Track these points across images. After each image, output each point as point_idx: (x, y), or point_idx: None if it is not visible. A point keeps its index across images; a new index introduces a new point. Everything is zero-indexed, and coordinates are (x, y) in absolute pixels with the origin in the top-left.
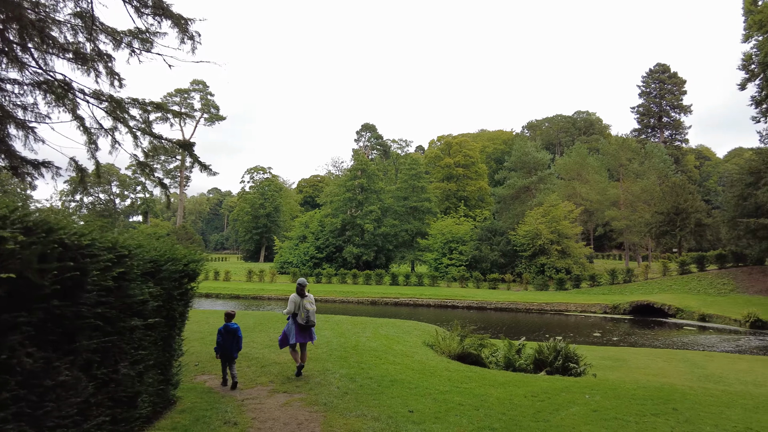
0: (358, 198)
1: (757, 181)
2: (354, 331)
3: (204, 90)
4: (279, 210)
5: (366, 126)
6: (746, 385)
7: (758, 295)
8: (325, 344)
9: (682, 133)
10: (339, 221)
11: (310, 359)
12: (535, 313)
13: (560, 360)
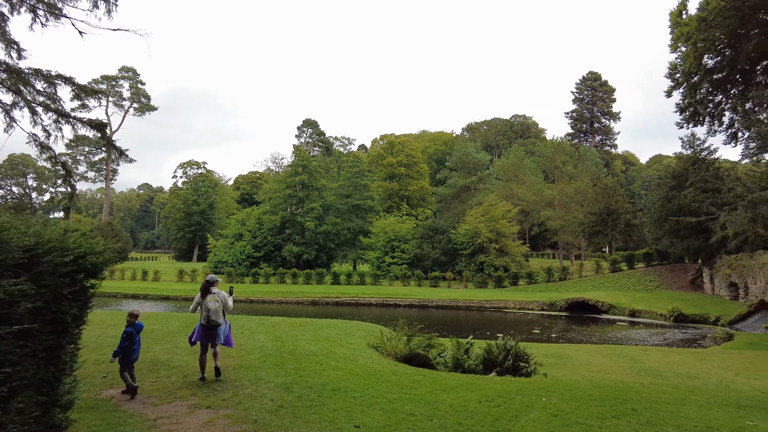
0: (298, 195)
1: (680, 184)
2: (292, 334)
3: (134, 78)
4: (214, 207)
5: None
6: (682, 378)
7: (680, 290)
8: (258, 349)
9: (612, 138)
10: (278, 219)
11: (240, 366)
12: (476, 310)
13: (510, 359)
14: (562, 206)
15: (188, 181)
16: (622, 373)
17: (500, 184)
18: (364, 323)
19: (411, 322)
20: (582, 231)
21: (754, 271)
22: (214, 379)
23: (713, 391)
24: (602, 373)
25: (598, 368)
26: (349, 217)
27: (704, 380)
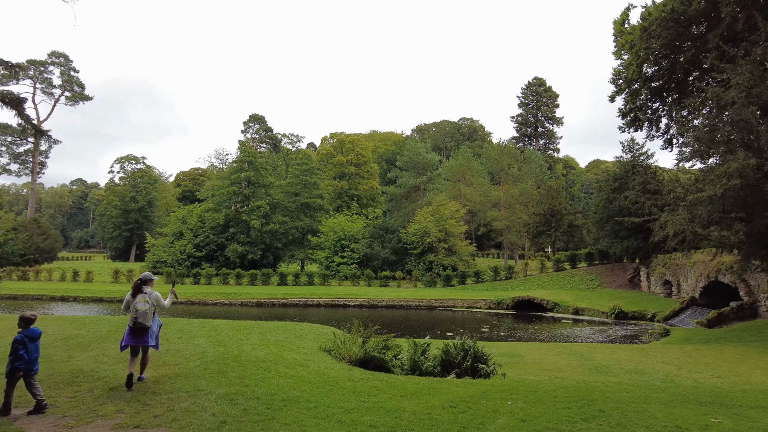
0: (244, 192)
1: (621, 186)
2: (236, 338)
3: (66, 64)
4: (153, 204)
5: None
6: (631, 374)
7: (619, 289)
8: (198, 356)
9: (554, 142)
10: (222, 217)
11: (176, 376)
12: (425, 309)
13: (469, 360)
14: (507, 207)
15: (126, 176)
16: (574, 371)
17: (449, 185)
18: (314, 325)
19: (367, 323)
20: (527, 231)
21: (686, 270)
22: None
23: (671, 388)
24: (556, 371)
25: (551, 366)
26: (297, 216)
27: (651, 375)
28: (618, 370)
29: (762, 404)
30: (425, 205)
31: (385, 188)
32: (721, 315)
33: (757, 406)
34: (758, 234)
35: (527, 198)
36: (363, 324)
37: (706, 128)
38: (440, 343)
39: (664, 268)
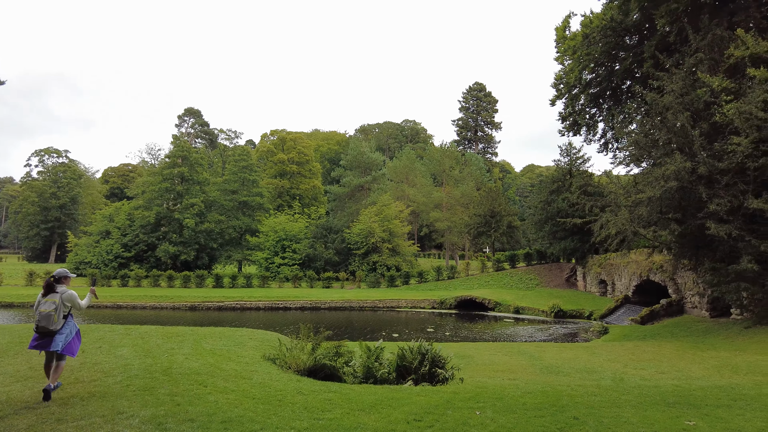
0: (177, 189)
1: (558, 189)
2: (166, 347)
3: None
4: (77, 202)
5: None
6: (581, 373)
7: (557, 288)
8: (120, 369)
9: (493, 146)
10: (153, 215)
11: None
12: (369, 310)
13: (426, 365)
14: (449, 208)
15: (46, 171)
16: (526, 372)
17: (393, 185)
18: (256, 331)
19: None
20: (468, 232)
21: (620, 269)
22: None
23: (634, 389)
24: (508, 372)
25: (503, 367)
26: (235, 215)
27: (601, 374)
28: (568, 370)
29: (725, 403)
30: (370, 205)
31: (329, 188)
32: (653, 312)
33: (721, 404)
34: (690, 234)
35: (468, 199)
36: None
37: (643, 133)
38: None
39: (599, 267)
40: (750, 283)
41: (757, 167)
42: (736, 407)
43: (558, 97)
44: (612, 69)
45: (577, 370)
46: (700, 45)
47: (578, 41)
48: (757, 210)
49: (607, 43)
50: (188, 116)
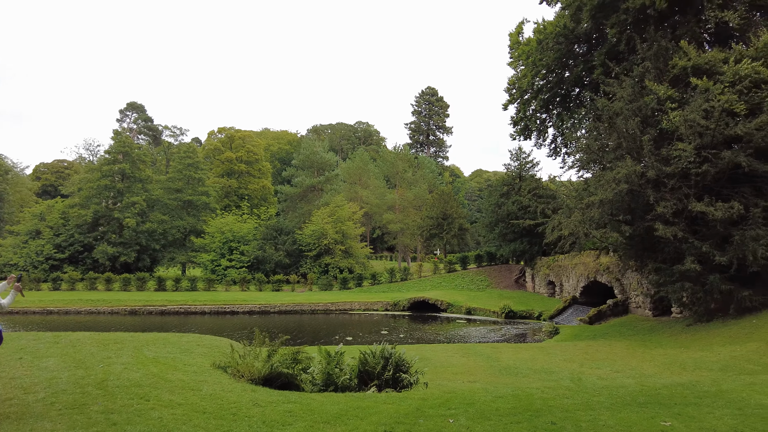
0: (117, 186)
1: (509, 192)
2: (102, 356)
3: None
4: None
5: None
6: (540, 374)
7: (507, 289)
8: (44, 384)
9: (445, 150)
10: (90, 213)
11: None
12: (321, 313)
13: (390, 370)
14: (402, 210)
15: None
16: (485, 373)
17: (346, 186)
18: (204, 336)
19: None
20: (420, 234)
21: (568, 271)
22: None
23: (604, 390)
24: (467, 374)
25: (461, 369)
26: (179, 215)
27: (559, 374)
28: (526, 371)
29: (692, 401)
30: (322, 206)
31: (279, 188)
32: (600, 312)
33: (689, 403)
34: (638, 236)
35: (421, 202)
36: (271, 333)
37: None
38: (354, 350)
39: (548, 269)
40: (692, 283)
41: (699, 173)
42: (704, 405)
43: (510, 101)
44: (562, 76)
45: (534, 370)
46: (646, 54)
47: (533, 47)
48: (699, 213)
49: (560, 50)
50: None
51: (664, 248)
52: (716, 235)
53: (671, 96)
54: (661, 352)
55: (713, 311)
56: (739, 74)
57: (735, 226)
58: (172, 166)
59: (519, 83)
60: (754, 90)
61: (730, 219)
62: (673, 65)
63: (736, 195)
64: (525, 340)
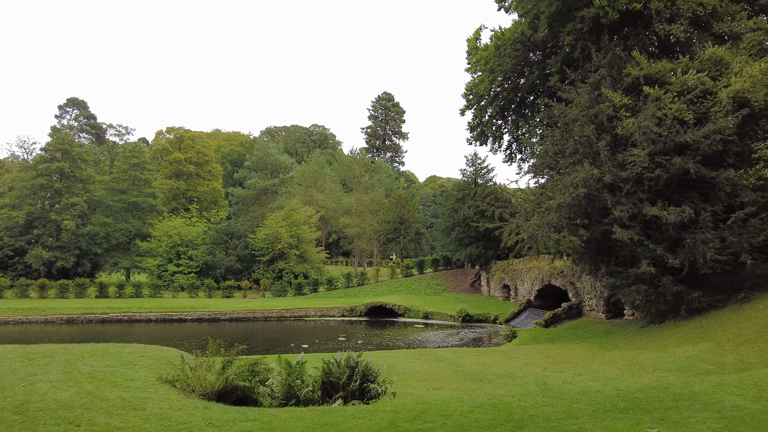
0: (55, 186)
1: (465, 197)
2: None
3: None
4: None
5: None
6: (504, 379)
7: (463, 293)
8: None
9: (401, 156)
10: (23, 215)
11: None
12: (275, 320)
13: (357, 380)
14: (358, 214)
15: None
16: (450, 380)
17: (302, 190)
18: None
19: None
20: (377, 238)
21: (522, 275)
22: None
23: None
24: (431, 381)
25: (425, 376)
26: (123, 217)
27: (523, 379)
28: (491, 376)
29: (670, 405)
30: (277, 209)
31: (231, 190)
32: (555, 315)
33: (668, 407)
34: (595, 240)
35: (378, 206)
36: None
37: (551, 143)
38: (316, 359)
39: (503, 273)
40: (647, 285)
41: (653, 178)
42: (683, 409)
43: (468, 107)
44: (517, 83)
45: (498, 375)
46: (602, 63)
47: (491, 52)
48: (653, 217)
49: (517, 56)
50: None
51: (620, 252)
52: (668, 238)
53: (625, 104)
54: (619, 354)
55: (665, 313)
56: (687, 84)
57: (685, 230)
58: (116, 165)
59: (476, 89)
60: (701, 100)
61: (681, 223)
62: (627, 74)
63: (685, 200)
64: (484, 344)
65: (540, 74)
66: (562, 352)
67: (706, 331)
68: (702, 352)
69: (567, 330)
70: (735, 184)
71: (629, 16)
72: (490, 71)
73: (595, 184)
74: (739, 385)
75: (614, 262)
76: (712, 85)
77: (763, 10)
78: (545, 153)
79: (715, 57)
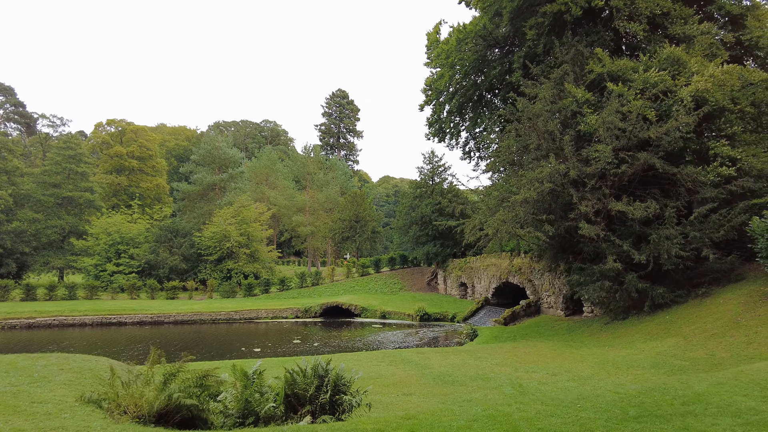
0: None
1: (422, 195)
2: None
3: None
4: None
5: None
6: (477, 381)
7: (420, 291)
8: None
9: (355, 154)
10: None
11: None
12: (223, 323)
13: (327, 391)
14: (312, 212)
15: None
16: (420, 384)
17: (252, 186)
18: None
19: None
20: (332, 237)
21: (479, 272)
22: None
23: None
24: (401, 386)
25: (393, 380)
26: (56, 213)
27: (497, 381)
28: (462, 378)
29: (680, 410)
30: (225, 206)
31: (176, 185)
32: (514, 313)
33: (681, 412)
34: (559, 236)
35: (332, 204)
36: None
37: (515, 138)
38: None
39: (460, 271)
40: (611, 282)
41: (618, 173)
42: (699, 414)
43: (426, 102)
44: (476, 81)
45: (470, 377)
46: (565, 58)
47: (452, 46)
48: (619, 212)
49: (478, 51)
50: None
51: (583, 248)
52: (633, 234)
53: (588, 100)
54: (588, 351)
55: (628, 309)
56: (648, 82)
57: (649, 226)
58: (49, 158)
59: (435, 84)
60: (662, 98)
61: (646, 218)
62: (590, 70)
63: (647, 196)
64: (445, 343)
65: (501, 70)
66: (529, 350)
67: (671, 326)
68: (671, 348)
69: (528, 328)
70: (695, 181)
71: (591, 13)
72: (451, 66)
73: (561, 179)
74: (737, 383)
75: (578, 259)
76: (672, 83)
77: (709, 17)
78: (508, 148)
79: (673, 56)
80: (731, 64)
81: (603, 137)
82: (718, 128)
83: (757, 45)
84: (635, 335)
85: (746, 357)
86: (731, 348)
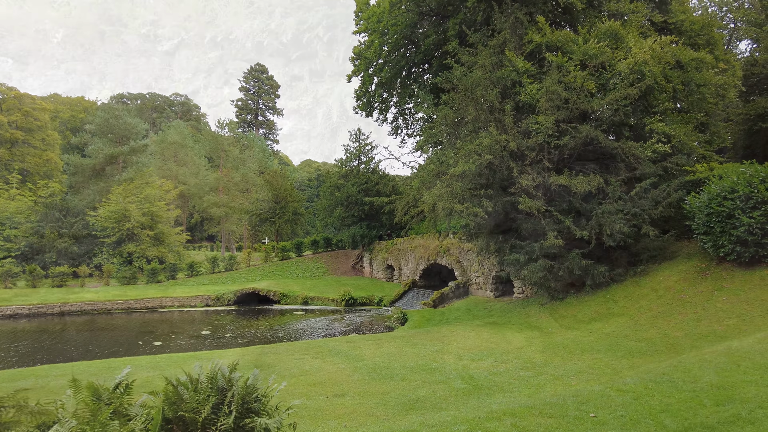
0: None
1: (347, 174)
2: None
3: None
4: None
5: None
6: (419, 373)
7: (345, 275)
8: None
9: (275, 133)
10: None
11: None
12: (121, 313)
13: (231, 412)
14: (226, 192)
15: None
16: (354, 381)
17: (158, 162)
18: None
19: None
20: (249, 219)
21: (407, 254)
22: None
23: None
24: (333, 385)
25: (322, 378)
26: None
27: (443, 373)
28: (402, 370)
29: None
30: (125, 182)
31: (68, 158)
32: (443, 295)
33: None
34: (496, 213)
35: (249, 184)
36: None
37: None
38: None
39: (386, 253)
40: (552, 260)
41: (560, 145)
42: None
43: (355, 73)
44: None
45: (411, 369)
46: (504, 26)
47: (384, 9)
48: (561, 186)
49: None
50: None
51: (522, 225)
52: (573, 210)
53: (528, 70)
54: (531, 334)
55: (567, 288)
56: (588, 53)
57: (589, 202)
58: None
59: (365, 53)
60: (601, 71)
61: (589, 193)
62: (529, 40)
63: (587, 171)
64: (375, 329)
65: (435, 39)
66: (468, 334)
67: (614, 305)
68: (620, 328)
69: (459, 310)
70: (635, 156)
71: None
72: (382, 33)
73: (501, 151)
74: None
75: (515, 237)
76: (611, 56)
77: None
78: (444, 119)
79: (611, 30)
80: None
81: (544, 108)
82: (650, 104)
83: (682, 27)
84: (578, 315)
85: (700, 335)
86: (682, 326)
